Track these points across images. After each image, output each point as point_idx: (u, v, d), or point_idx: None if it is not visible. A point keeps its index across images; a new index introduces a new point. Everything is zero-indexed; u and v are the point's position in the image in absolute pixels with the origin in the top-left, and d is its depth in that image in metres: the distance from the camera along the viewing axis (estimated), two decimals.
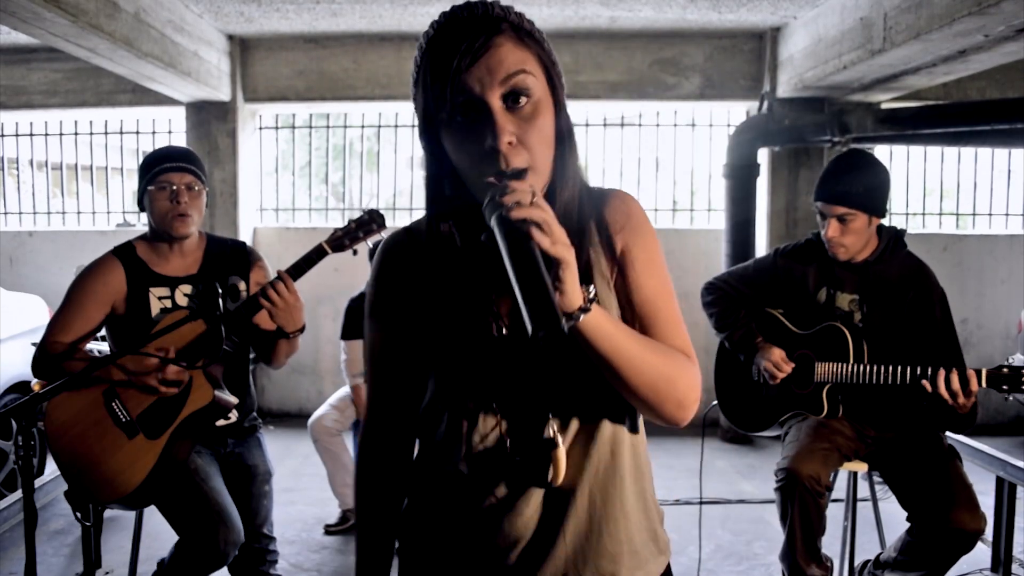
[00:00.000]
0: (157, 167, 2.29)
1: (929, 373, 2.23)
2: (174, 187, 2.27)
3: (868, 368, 2.37)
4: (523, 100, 0.96)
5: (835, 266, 2.54)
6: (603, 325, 0.93)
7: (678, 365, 1.01)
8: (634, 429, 1.10)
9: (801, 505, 2.37)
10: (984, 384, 2.18)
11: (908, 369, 2.27)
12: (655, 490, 1.18)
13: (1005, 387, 2.17)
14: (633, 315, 1.07)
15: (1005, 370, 2.17)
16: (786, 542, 2.45)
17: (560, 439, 1.03)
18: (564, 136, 1.02)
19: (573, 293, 0.88)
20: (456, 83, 0.95)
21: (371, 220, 2.20)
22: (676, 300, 1.10)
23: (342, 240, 2.19)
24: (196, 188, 2.31)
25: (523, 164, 0.95)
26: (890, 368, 2.31)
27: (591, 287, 0.92)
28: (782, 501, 2.43)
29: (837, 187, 2.45)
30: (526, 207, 0.86)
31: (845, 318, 2.50)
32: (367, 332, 1.18)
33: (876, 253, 2.50)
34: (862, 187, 2.43)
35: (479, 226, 0.94)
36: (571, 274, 0.88)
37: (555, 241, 0.86)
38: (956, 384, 2.18)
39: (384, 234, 2.25)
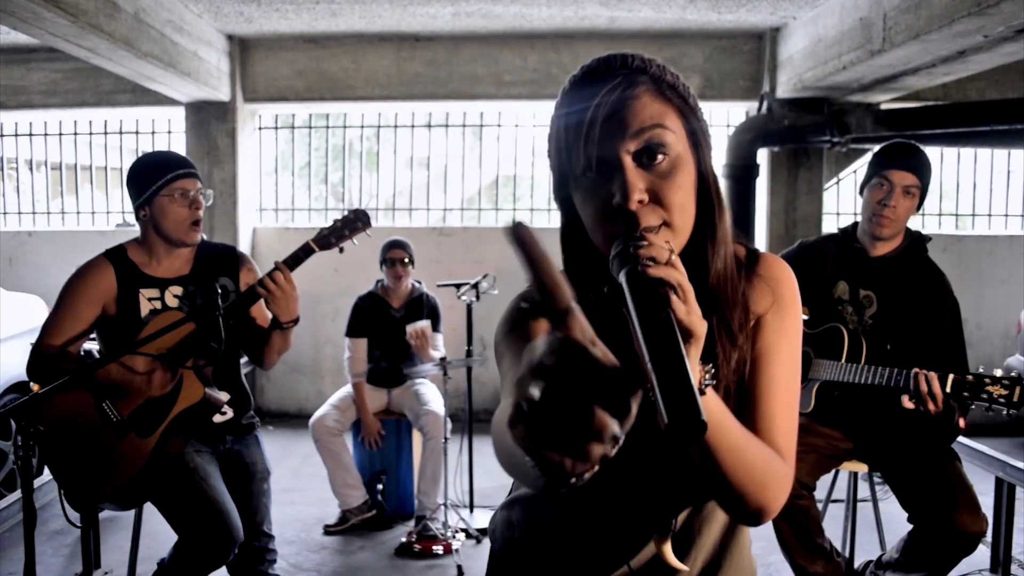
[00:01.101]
0: (169, 174, 2.30)
1: (907, 376, 2.21)
2: (191, 194, 2.31)
3: (855, 368, 2.37)
4: (659, 157, 0.89)
5: (855, 259, 2.53)
6: (714, 413, 0.84)
7: (773, 471, 0.93)
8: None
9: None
10: (949, 389, 2.15)
11: (889, 371, 2.26)
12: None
13: (967, 394, 2.14)
14: (746, 391, 1.00)
15: (970, 377, 2.14)
16: (778, 542, 2.47)
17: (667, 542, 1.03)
18: (711, 196, 0.95)
19: (693, 373, 0.78)
20: (589, 136, 0.89)
21: (356, 219, 2.30)
22: (797, 387, 1.02)
23: (328, 238, 2.28)
24: (204, 195, 2.36)
25: (656, 222, 0.88)
26: (875, 369, 2.31)
27: (710, 366, 0.84)
28: None
29: (908, 158, 2.46)
30: (663, 266, 0.77)
31: (853, 312, 2.50)
32: (501, 360, 1.12)
33: (898, 251, 2.50)
34: (926, 168, 2.47)
35: (599, 287, 0.86)
36: (697, 351, 0.78)
37: (691, 311, 0.77)
38: (923, 386, 2.16)
39: (368, 232, 2.32)
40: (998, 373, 2.12)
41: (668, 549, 1.04)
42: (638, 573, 1.07)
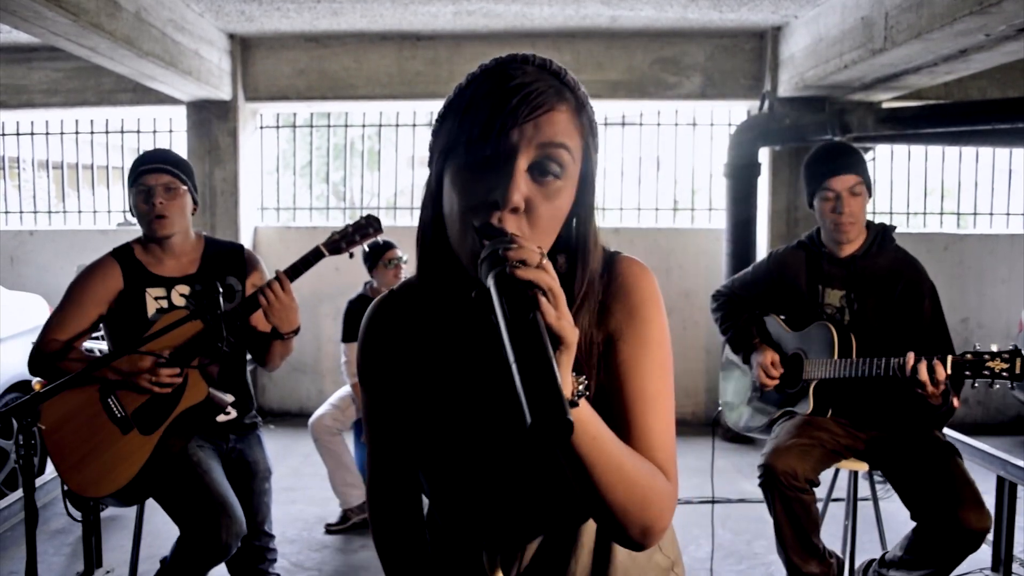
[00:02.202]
0: (136, 171, 2.32)
1: (901, 363, 2.22)
2: (150, 188, 2.29)
3: (847, 362, 2.38)
4: (550, 178, 0.88)
5: (824, 263, 2.57)
6: (589, 425, 0.81)
7: (656, 488, 0.89)
8: None
9: (783, 500, 2.39)
10: (949, 371, 2.16)
11: (883, 361, 2.27)
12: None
13: (968, 373, 2.15)
14: (614, 407, 0.94)
15: (968, 356, 2.15)
16: (776, 538, 2.47)
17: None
18: (587, 213, 0.94)
19: (565, 382, 0.74)
20: (498, 126, 0.85)
21: (368, 225, 2.29)
22: (671, 398, 0.97)
23: (339, 243, 2.27)
24: (175, 188, 2.32)
25: (514, 231, 0.84)
26: (867, 361, 2.32)
27: (583, 377, 0.80)
28: (765, 497, 2.46)
29: (840, 160, 2.49)
30: (534, 269, 0.76)
31: (836, 314, 2.52)
32: (363, 395, 1.13)
33: (864, 247, 2.53)
34: (861, 162, 2.50)
35: (466, 284, 0.84)
36: (568, 359, 0.75)
37: (561, 316, 0.75)
38: (923, 373, 2.17)
39: (380, 239, 2.32)
40: (994, 348, 2.13)
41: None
42: None
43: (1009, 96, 5.10)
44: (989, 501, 2.36)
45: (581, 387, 0.79)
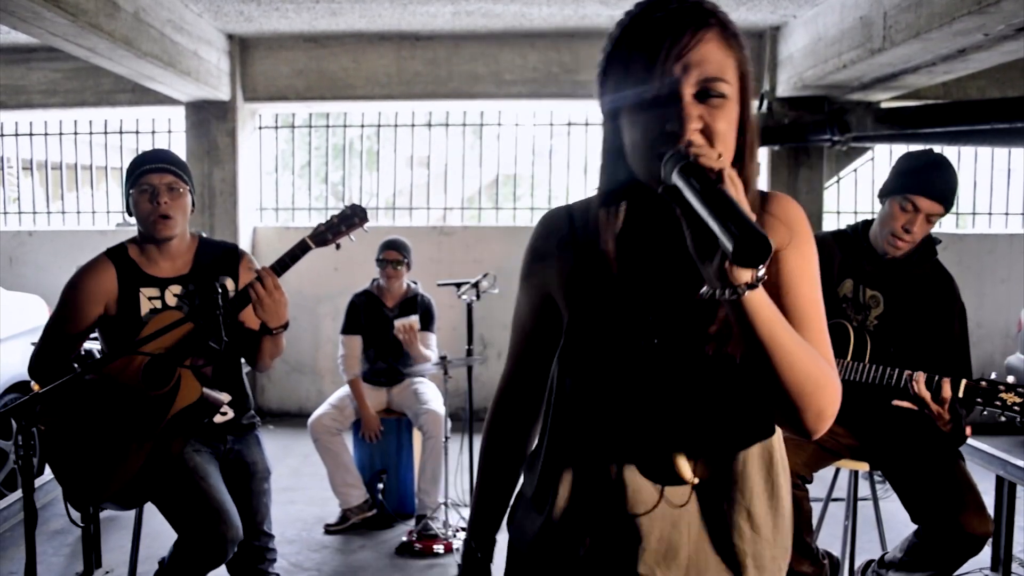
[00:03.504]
0: (137, 170, 2.30)
1: (911, 376, 2.19)
2: (154, 187, 2.27)
3: (858, 366, 2.35)
4: (714, 99, 0.96)
5: (864, 260, 2.49)
6: (766, 308, 0.89)
7: (825, 372, 0.96)
8: (771, 431, 1.08)
9: None
10: (961, 394, 2.12)
11: (895, 371, 2.24)
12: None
13: (980, 400, 2.12)
14: (784, 309, 1.01)
15: (983, 384, 2.12)
16: None
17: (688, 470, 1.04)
18: (747, 145, 1.01)
19: None
20: (656, 66, 0.94)
21: (353, 214, 2.25)
22: (824, 315, 1.05)
23: (325, 235, 2.24)
24: (178, 189, 2.31)
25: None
26: (878, 368, 2.29)
27: (760, 267, 0.87)
28: None
29: (938, 184, 2.34)
30: (716, 159, 0.86)
31: (861, 312, 2.47)
32: (518, 296, 1.19)
33: (908, 253, 2.44)
34: (954, 194, 2.37)
35: (647, 212, 0.98)
36: None
37: (741, 199, 0.84)
38: (923, 388, 2.14)
39: (366, 228, 2.28)
40: (1011, 380, 2.10)
41: (683, 463, 1.05)
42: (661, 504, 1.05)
43: (1008, 96, 5.11)
44: (989, 501, 2.35)
45: (760, 273, 0.86)
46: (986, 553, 3.03)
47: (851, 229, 2.58)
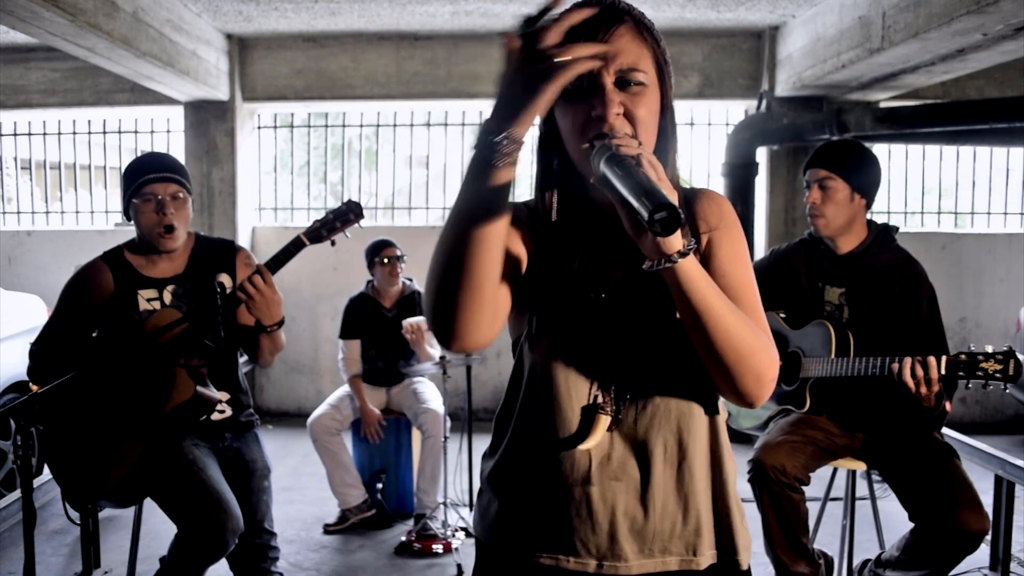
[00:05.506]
0: (140, 178, 2.28)
1: (894, 362, 2.21)
2: (159, 198, 2.26)
3: (844, 361, 2.37)
4: (633, 86, 1.04)
5: (823, 260, 2.56)
6: (698, 275, 0.97)
7: (760, 339, 1.03)
8: (712, 411, 1.13)
9: (771, 496, 2.39)
10: (943, 371, 2.15)
11: (879, 361, 2.26)
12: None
13: (962, 373, 2.15)
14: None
15: (963, 356, 2.15)
16: (763, 536, 2.44)
17: (608, 407, 1.10)
18: (667, 129, 1.10)
19: (673, 236, 0.92)
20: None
21: (348, 210, 2.22)
22: (759, 294, 1.12)
23: (320, 231, 2.21)
24: (181, 197, 2.30)
25: (628, 131, 1.02)
26: (863, 360, 2.31)
27: (691, 238, 0.97)
28: (754, 492, 2.45)
29: (822, 154, 2.54)
30: (634, 146, 0.95)
31: (835, 312, 2.51)
32: None
33: (864, 246, 2.52)
34: (848, 160, 2.50)
35: (581, 200, 1.08)
36: None
37: (660, 177, 0.92)
38: (919, 371, 2.16)
39: (361, 224, 2.27)
40: (989, 348, 2.13)
41: (602, 421, 1.10)
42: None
43: (1007, 95, 5.11)
44: (987, 501, 2.36)
45: (690, 243, 0.95)
46: (985, 552, 3.04)
47: (808, 235, 2.67)
